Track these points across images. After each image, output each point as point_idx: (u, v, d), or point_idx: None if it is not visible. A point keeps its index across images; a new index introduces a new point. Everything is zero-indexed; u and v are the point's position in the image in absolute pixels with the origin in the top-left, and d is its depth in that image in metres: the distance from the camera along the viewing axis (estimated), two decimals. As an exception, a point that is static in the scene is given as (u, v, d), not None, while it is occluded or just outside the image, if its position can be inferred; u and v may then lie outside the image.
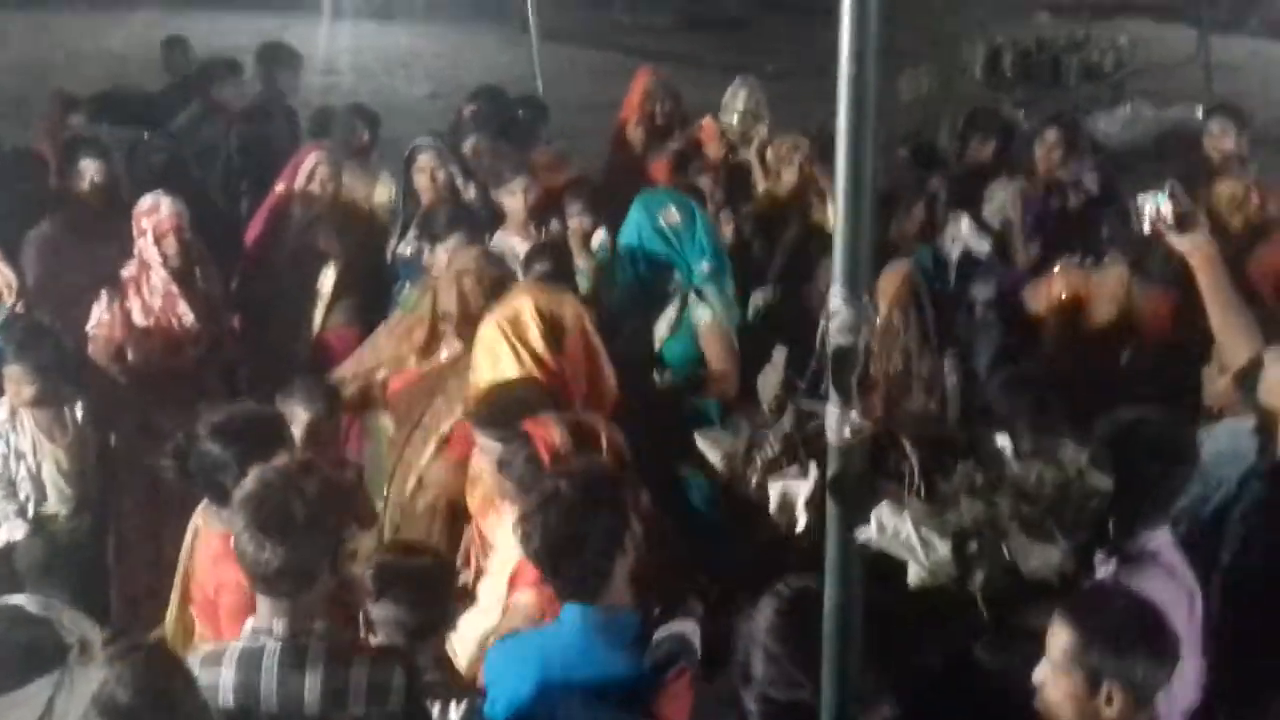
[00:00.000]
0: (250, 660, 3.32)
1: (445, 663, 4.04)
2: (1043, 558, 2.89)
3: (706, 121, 8.12)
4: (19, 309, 6.01)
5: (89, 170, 6.78)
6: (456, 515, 4.95)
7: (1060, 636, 3.19)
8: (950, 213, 6.71)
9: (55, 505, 5.64)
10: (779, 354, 2.97)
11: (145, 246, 6.07)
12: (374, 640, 3.88)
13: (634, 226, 5.72)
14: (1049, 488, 2.87)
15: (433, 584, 3.99)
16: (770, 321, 6.37)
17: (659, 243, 5.63)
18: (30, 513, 5.57)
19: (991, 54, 12.48)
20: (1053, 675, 3.22)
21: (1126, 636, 3.16)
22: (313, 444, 4.69)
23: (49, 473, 5.59)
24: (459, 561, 4.63)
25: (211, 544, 4.20)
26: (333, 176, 6.91)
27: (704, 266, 5.59)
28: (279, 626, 3.34)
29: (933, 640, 3.44)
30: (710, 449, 3.16)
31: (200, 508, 4.42)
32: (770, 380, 2.85)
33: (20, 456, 5.52)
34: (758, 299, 6.71)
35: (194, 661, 3.36)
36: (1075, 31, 13.33)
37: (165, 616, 5.21)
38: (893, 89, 11.46)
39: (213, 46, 10.71)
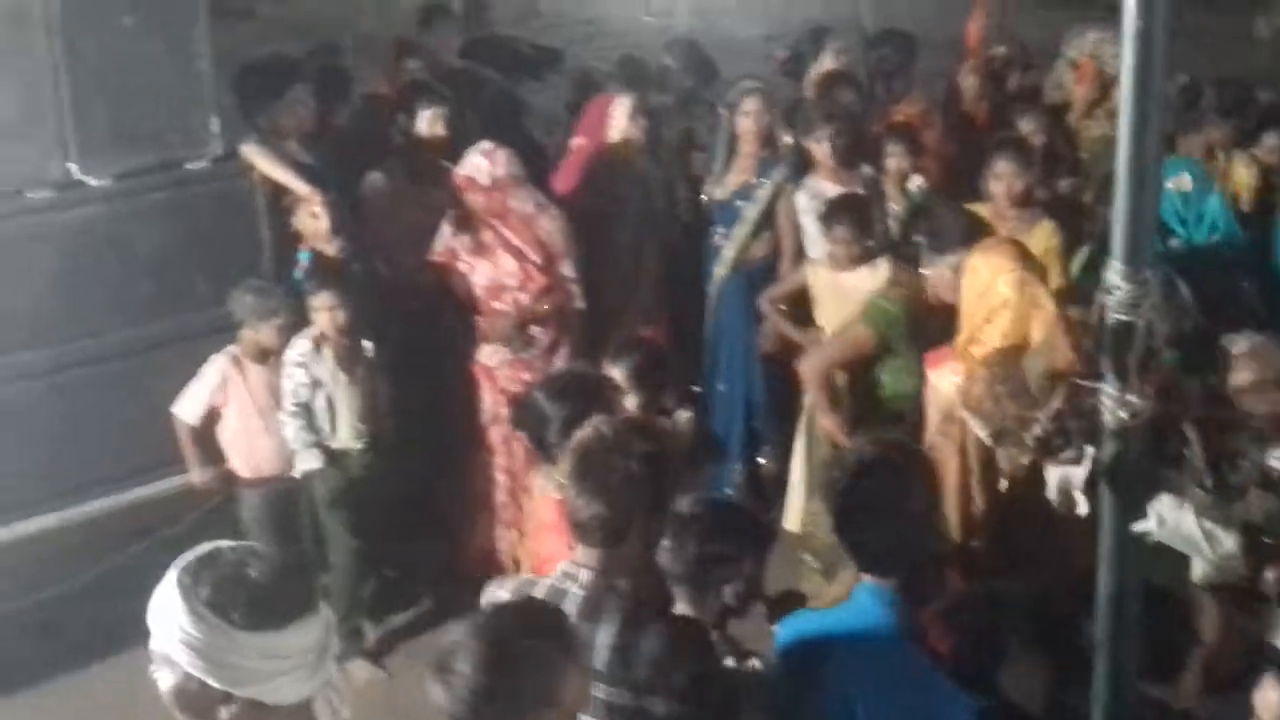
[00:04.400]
0: (554, 600, 3.33)
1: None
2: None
3: (1085, 61, 7.68)
4: (334, 252, 6.24)
5: (427, 118, 6.89)
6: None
7: (1275, 702, 2.85)
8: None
9: (348, 439, 5.88)
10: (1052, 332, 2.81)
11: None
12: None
13: None
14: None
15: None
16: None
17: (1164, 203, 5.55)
18: (326, 444, 5.82)
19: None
20: None
21: None
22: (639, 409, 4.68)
23: (343, 405, 5.82)
24: None
25: (543, 511, 4.25)
26: (648, 128, 6.94)
27: (1211, 236, 5.52)
28: (584, 575, 3.37)
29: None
30: (978, 426, 3.04)
31: (541, 472, 4.44)
32: (1040, 358, 2.70)
33: (319, 385, 5.75)
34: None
35: (509, 586, 3.47)
36: None
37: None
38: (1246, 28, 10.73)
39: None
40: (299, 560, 3.03)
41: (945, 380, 4.66)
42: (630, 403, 4.62)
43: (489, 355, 6.31)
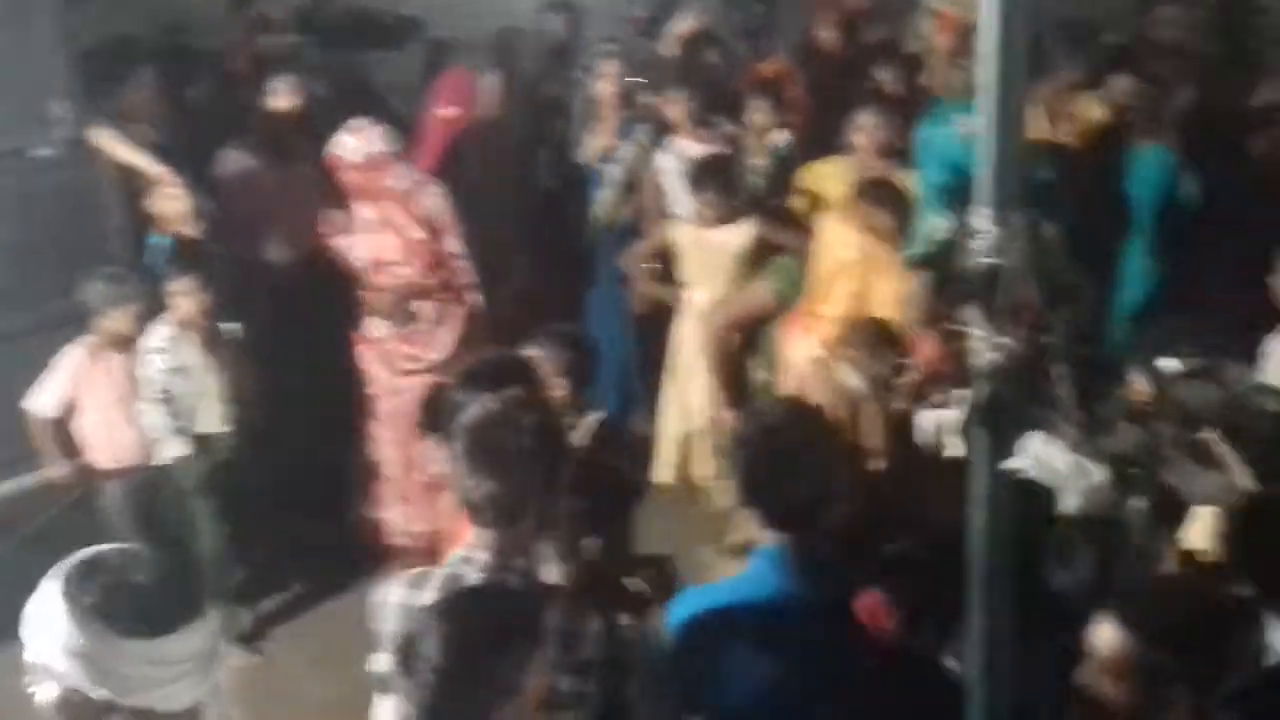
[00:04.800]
0: (450, 588, 3.21)
1: None
2: (1211, 485, 2.71)
3: (947, 10, 7.70)
4: (194, 234, 6.14)
5: (281, 88, 6.75)
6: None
7: (1109, 638, 2.80)
8: None
9: (213, 424, 5.77)
10: (921, 278, 2.83)
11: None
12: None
13: (930, 144, 5.58)
14: (1213, 411, 2.68)
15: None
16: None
17: (963, 150, 5.53)
18: (191, 430, 5.70)
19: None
20: (1101, 679, 2.83)
21: (1193, 640, 2.74)
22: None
23: (209, 389, 5.72)
24: None
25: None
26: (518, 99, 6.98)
27: None
28: (481, 558, 3.25)
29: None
30: (850, 375, 3.06)
31: None
32: (913, 304, 2.72)
33: (181, 371, 5.63)
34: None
35: (402, 581, 3.35)
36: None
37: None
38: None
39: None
40: (184, 562, 2.95)
41: (800, 350, 4.66)
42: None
43: (375, 329, 6.24)
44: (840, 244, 4.77)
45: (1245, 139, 6.51)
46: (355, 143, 5.92)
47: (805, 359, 4.72)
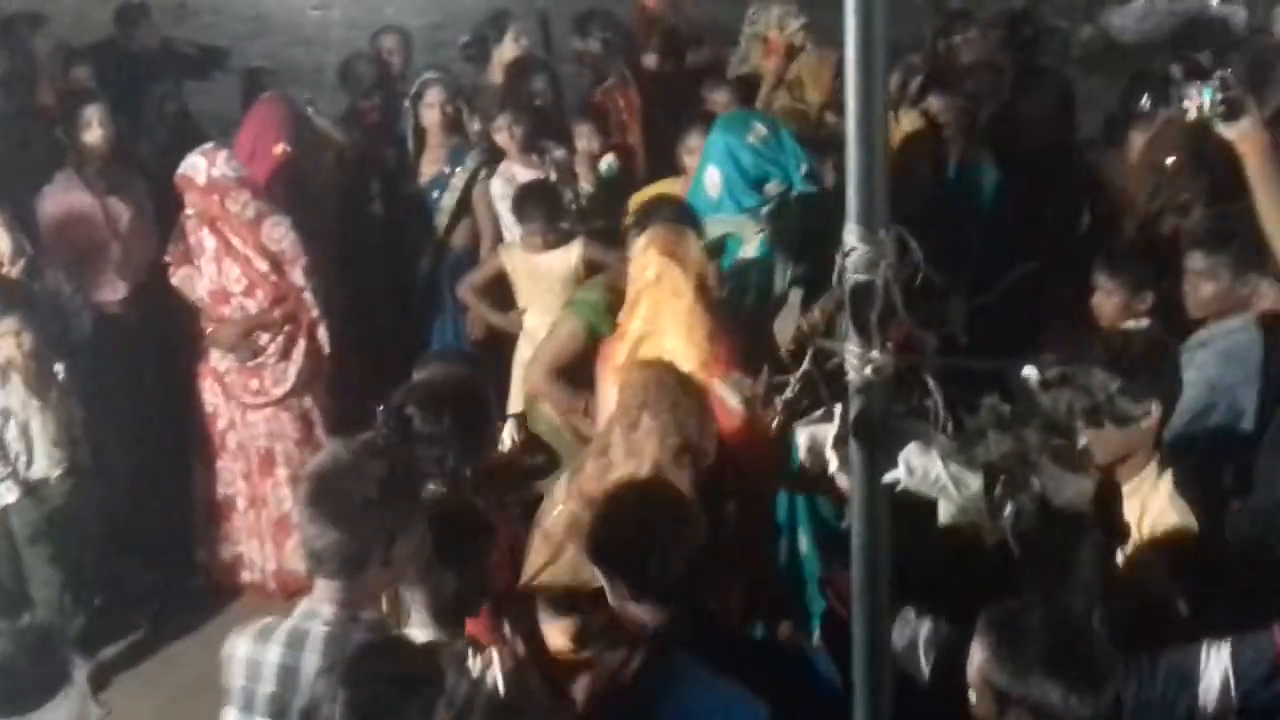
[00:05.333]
0: (296, 641, 3.17)
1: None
2: (1076, 488, 2.81)
3: (773, 35, 7.81)
4: (17, 274, 5.95)
5: (91, 120, 6.57)
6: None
7: (974, 652, 2.93)
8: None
9: (46, 468, 5.60)
10: (795, 295, 2.87)
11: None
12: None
13: (722, 149, 5.63)
14: (1079, 417, 2.77)
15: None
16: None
17: (752, 158, 5.60)
18: (21, 475, 5.53)
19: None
20: (971, 691, 2.96)
21: (1036, 661, 2.82)
22: None
23: (37, 432, 5.55)
24: None
25: None
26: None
27: (804, 168, 5.57)
28: (326, 611, 3.18)
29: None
30: (729, 394, 3.08)
31: None
32: (787, 322, 2.77)
33: (9, 415, 5.48)
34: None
35: (248, 633, 3.25)
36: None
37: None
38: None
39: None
40: (42, 629, 2.77)
41: (609, 388, 4.55)
42: None
43: (218, 361, 6.16)
44: (640, 266, 4.74)
45: (1053, 151, 6.80)
46: (202, 163, 5.90)
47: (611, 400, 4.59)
